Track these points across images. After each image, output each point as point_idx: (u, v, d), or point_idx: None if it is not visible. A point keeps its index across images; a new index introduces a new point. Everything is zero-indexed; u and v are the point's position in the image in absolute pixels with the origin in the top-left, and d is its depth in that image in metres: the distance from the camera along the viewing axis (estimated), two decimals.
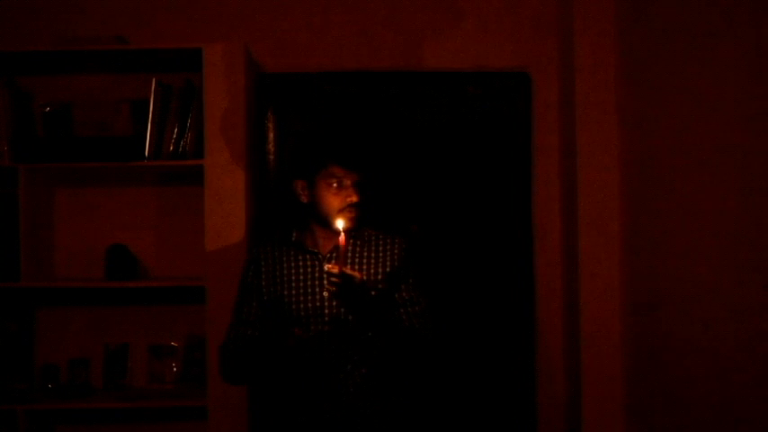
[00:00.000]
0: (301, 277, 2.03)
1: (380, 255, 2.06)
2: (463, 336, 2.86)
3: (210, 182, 2.54)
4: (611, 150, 2.67)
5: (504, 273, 2.89)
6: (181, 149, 2.62)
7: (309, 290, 2.01)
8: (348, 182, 1.98)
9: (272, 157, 2.86)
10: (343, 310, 1.96)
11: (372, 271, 2.03)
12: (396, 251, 2.06)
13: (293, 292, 2.02)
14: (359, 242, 2.06)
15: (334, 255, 2.02)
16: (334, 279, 1.82)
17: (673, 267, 2.79)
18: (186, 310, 2.78)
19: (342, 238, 1.86)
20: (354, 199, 1.97)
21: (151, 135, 2.60)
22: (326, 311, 1.99)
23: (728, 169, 2.81)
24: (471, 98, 2.90)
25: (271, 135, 2.86)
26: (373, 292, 1.96)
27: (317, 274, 2.02)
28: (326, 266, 1.86)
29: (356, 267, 2.02)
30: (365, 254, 2.06)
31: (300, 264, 2.04)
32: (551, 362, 2.87)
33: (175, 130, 2.62)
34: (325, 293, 1.95)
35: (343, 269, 1.83)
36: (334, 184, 1.97)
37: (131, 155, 2.60)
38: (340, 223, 1.89)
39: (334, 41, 2.86)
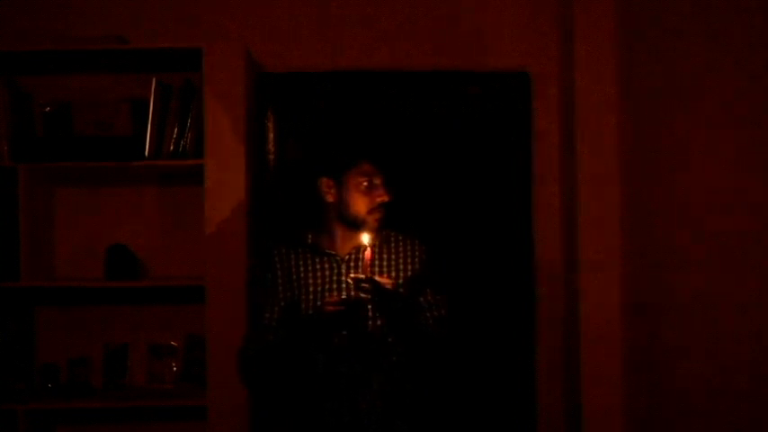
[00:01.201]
0: (319, 281, 1.94)
1: (401, 258, 1.99)
2: (463, 335, 2.84)
3: (210, 181, 2.54)
4: (612, 150, 2.67)
5: (505, 273, 2.89)
6: (181, 149, 2.62)
7: (328, 294, 1.91)
8: (378, 181, 1.92)
9: (271, 156, 2.86)
10: (362, 315, 1.87)
11: (394, 275, 1.96)
12: (417, 254, 2.00)
13: (311, 297, 1.93)
14: (377, 242, 1.96)
15: (353, 257, 1.94)
16: (365, 285, 1.74)
17: (673, 268, 2.79)
18: (186, 309, 2.77)
19: (368, 252, 1.80)
20: (386, 198, 1.91)
21: (151, 135, 2.60)
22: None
23: (729, 169, 2.81)
24: (471, 98, 2.89)
25: (271, 135, 2.86)
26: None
27: (335, 278, 1.94)
28: (351, 275, 1.79)
29: (376, 270, 1.94)
30: (385, 256, 1.98)
31: (318, 267, 1.95)
32: (551, 362, 2.86)
33: (175, 129, 2.62)
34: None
35: (373, 277, 1.76)
36: (365, 183, 1.90)
37: (131, 155, 2.60)
38: (366, 238, 1.81)
39: (335, 41, 2.86)
